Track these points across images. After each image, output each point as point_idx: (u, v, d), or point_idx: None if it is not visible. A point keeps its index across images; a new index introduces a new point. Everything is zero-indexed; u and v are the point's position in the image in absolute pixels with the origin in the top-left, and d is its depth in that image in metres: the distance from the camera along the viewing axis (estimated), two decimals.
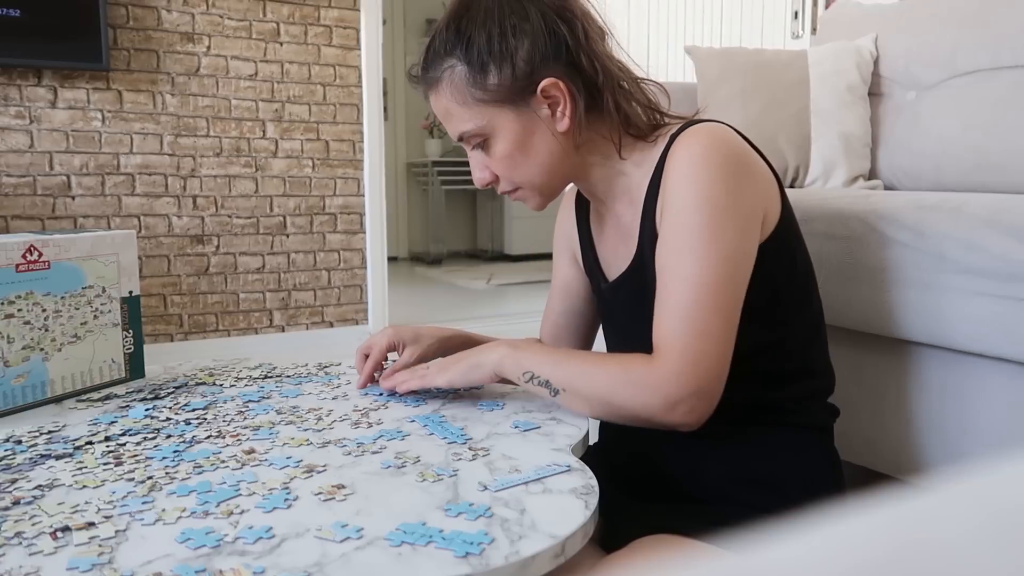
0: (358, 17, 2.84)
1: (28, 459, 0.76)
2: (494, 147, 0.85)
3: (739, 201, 0.77)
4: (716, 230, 0.75)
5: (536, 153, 0.84)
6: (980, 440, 1.06)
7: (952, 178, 1.54)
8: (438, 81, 0.84)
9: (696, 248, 0.75)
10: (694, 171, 0.77)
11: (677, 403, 0.73)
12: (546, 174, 0.86)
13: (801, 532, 0.15)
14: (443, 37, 0.84)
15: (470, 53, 0.82)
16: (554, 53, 0.81)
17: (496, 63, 0.81)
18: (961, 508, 0.16)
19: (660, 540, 0.76)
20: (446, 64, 0.83)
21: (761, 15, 3.41)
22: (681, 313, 0.75)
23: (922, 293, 1.06)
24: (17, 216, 2.40)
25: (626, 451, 0.91)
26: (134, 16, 2.50)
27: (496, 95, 0.82)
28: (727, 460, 0.83)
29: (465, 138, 0.86)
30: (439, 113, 0.87)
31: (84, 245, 0.98)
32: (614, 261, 0.93)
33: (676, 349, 0.74)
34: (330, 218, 2.87)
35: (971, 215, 1.02)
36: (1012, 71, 1.48)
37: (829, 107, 1.71)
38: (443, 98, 0.85)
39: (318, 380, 1.04)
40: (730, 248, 0.75)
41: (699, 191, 0.76)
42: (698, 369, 0.73)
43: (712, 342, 0.74)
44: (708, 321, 0.74)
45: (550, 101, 0.83)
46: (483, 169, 0.88)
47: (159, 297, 2.62)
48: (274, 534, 0.59)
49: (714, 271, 0.74)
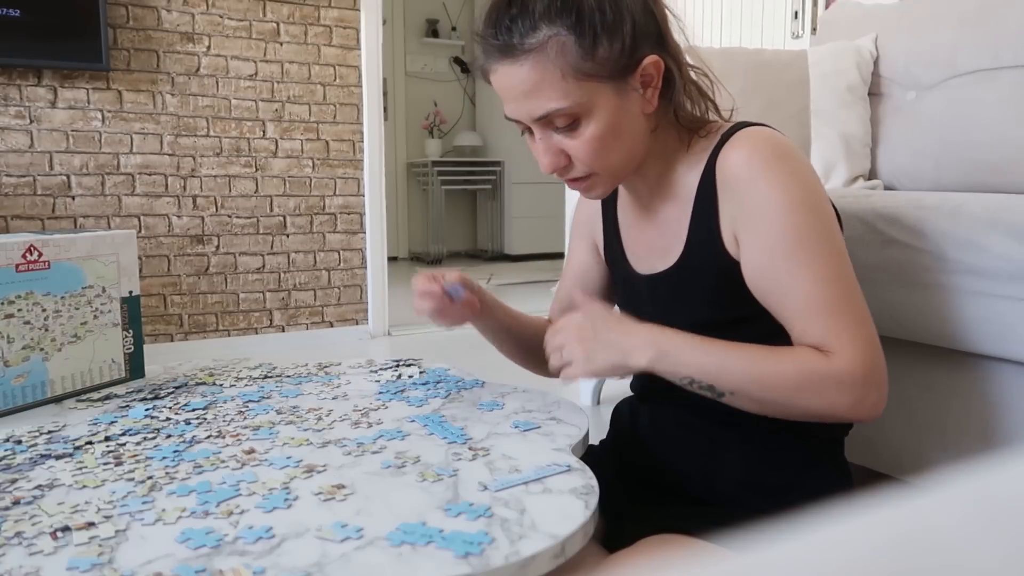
0: (358, 17, 2.84)
1: (28, 459, 0.76)
2: (585, 127, 0.78)
3: (823, 196, 0.77)
4: (821, 228, 0.75)
5: (626, 135, 0.80)
6: (980, 440, 1.06)
7: (952, 178, 1.54)
8: (534, 51, 0.75)
9: (813, 247, 0.74)
10: (775, 175, 0.75)
11: (865, 396, 0.73)
12: (628, 158, 0.82)
13: (802, 532, 0.15)
14: (545, 2, 0.75)
15: (581, 23, 0.74)
16: (650, 30, 0.78)
17: (608, 35, 0.75)
18: (961, 508, 0.16)
19: (666, 540, 0.75)
20: (549, 31, 0.74)
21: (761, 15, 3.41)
22: (831, 310, 0.74)
23: (922, 293, 1.06)
24: (17, 216, 2.40)
25: (635, 451, 0.90)
26: (134, 16, 2.50)
27: (603, 70, 0.76)
28: (738, 466, 0.82)
29: (551, 117, 0.78)
30: (520, 88, 0.77)
31: (84, 245, 0.98)
32: (647, 255, 0.90)
33: (847, 344, 0.73)
34: (330, 218, 2.87)
35: (971, 215, 1.02)
36: (1012, 71, 1.48)
37: (829, 107, 1.71)
38: (535, 70, 0.75)
39: (318, 380, 1.04)
40: (838, 240, 0.77)
41: (788, 193, 0.75)
42: (874, 358, 0.74)
43: (869, 329, 0.75)
44: (858, 312, 0.75)
45: (644, 80, 0.78)
46: (558, 154, 0.80)
47: (159, 297, 2.62)
48: (274, 534, 0.59)
49: (838, 263, 0.75)
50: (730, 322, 0.81)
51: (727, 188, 0.78)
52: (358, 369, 1.10)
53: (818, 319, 0.74)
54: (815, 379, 0.73)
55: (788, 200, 0.75)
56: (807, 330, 0.75)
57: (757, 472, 0.82)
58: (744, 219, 0.77)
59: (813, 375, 0.73)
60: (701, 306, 0.83)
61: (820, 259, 0.74)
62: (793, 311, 0.76)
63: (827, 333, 0.74)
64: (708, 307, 0.82)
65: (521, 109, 0.78)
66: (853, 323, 0.74)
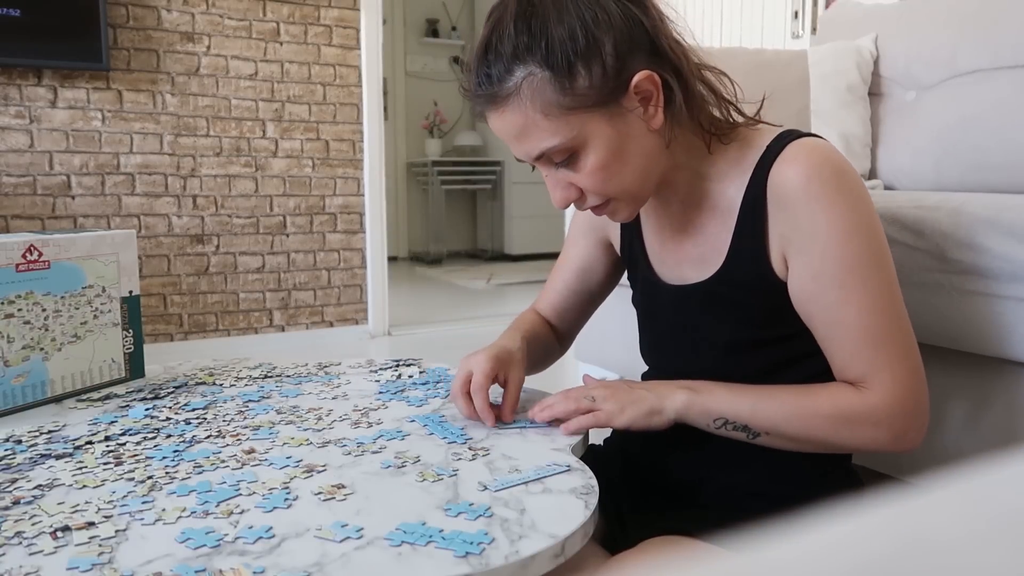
0: (358, 17, 2.84)
1: (28, 459, 0.76)
2: (585, 159, 0.74)
3: (878, 221, 0.75)
4: (875, 256, 0.73)
5: (632, 158, 0.75)
6: (980, 440, 1.06)
7: (952, 178, 1.54)
8: (512, 95, 0.72)
9: (865, 276, 0.73)
10: (834, 198, 0.72)
11: (905, 431, 0.73)
12: (642, 180, 0.77)
13: (803, 533, 0.15)
14: (512, 41, 0.71)
15: (552, 55, 0.70)
16: (638, 42, 0.72)
17: (584, 62, 0.70)
18: (961, 508, 0.16)
19: (668, 541, 0.75)
20: (521, 73, 0.71)
21: (761, 15, 3.41)
22: (875, 341, 0.73)
23: (922, 293, 1.06)
24: (17, 216, 2.40)
25: (639, 453, 0.89)
26: (134, 16, 2.50)
27: (587, 99, 0.71)
28: (742, 470, 0.82)
29: (547, 155, 0.75)
30: (511, 132, 0.75)
31: (84, 245, 0.98)
32: (678, 265, 0.86)
33: (886, 379, 0.72)
34: (330, 218, 2.87)
35: (971, 215, 1.02)
36: (1012, 71, 1.48)
37: (829, 107, 1.71)
38: (519, 114, 0.72)
39: (318, 380, 1.04)
40: (889, 267, 0.75)
41: (846, 219, 0.72)
42: (913, 392, 0.73)
43: (913, 360, 0.74)
44: (902, 343, 0.74)
45: (642, 96, 0.74)
46: (567, 187, 0.77)
47: (159, 297, 2.62)
48: (274, 534, 0.59)
49: (888, 294, 0.74)
50: (767, 341, 0.80)
51: (780, 206, 0.75)
52: (358, 369, 1.10)
53: (861, 352, 0.73)
54: (850, 416, 0.73)
55: (845, 226, 0.72)
56: (849, 363, 0.74)
57: (762, 477, 0.81)
58: (797, 241, 0.74)
59: (848, 412, 0.73)
60: (739, 324, 0.81)
61: (870, 288, 0.73)
62: (837, 342, 0.75)
63: (868, 367, 0.73)
64: (746, 325, 0.80)
65: (519, 151, 0.76)
66: (897, 356, 0.73)
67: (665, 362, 0.92)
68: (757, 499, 0.80)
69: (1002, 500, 0.16)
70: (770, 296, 0.78)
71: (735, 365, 0.81)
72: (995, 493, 0.16)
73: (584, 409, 0.80)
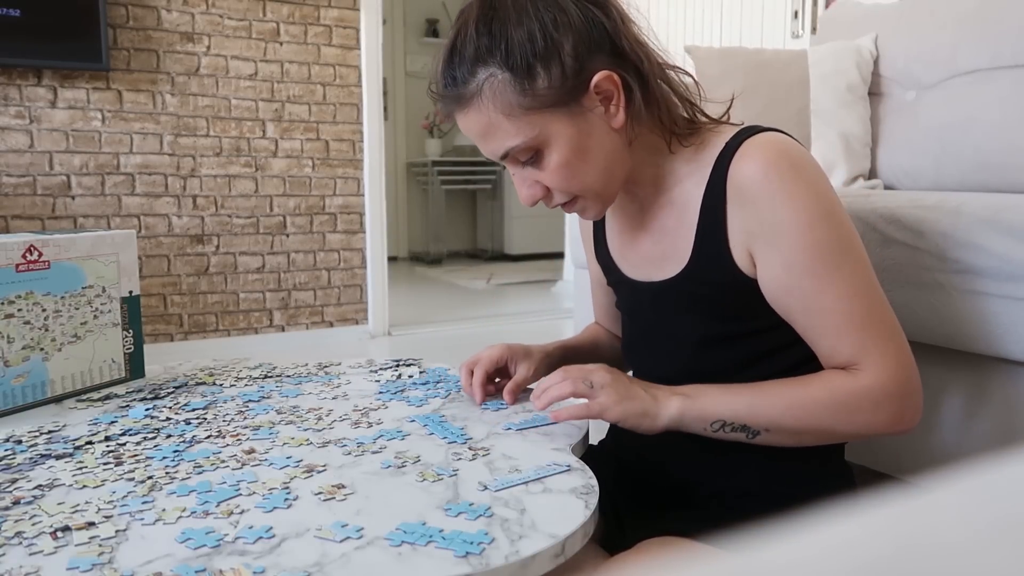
0: (358, 17, 2.84)
1: (28, 459, 0.76)
2: (548, 158, 0.76)
3: (841, 206, 0.75)
4: (843, 242, 0.74)
5: (595, 156, 0.77)
6: (980, 440, 1.06)
7: (952, 178, 1.54)
8: (475, 96, 0.74)
9: (837, 262, 0.73)
10: (793, 189, 0.73)
11: (903, 411, 0.73)
12: (606, 177, 0.79)
13: (801, 533, 0.15)
14: (474, 44, 0.74)
15: (511, 57, 0.72)
16: (598, 42, 0.74)
17: (543, 63, 0.73)
18: (961, 508, 0.16)
19: (666, 542, 0.75)
20: (483, 74, 0.74)
21: (761, 15, 3.41)
22: (859, 324, 0.73)
23: (922, 293, 1.06)
24: (17, 216, 2.40)
25: (636, 454, 0.89)
26: (134, 16, 2.50)
27: (546, 100, 0.73)
28: (738, 469, 0.82)
29: (512, 154, 0.77)
30: (476, 132, 0.77)
31: (84, 245, 0.98)
32: (642, 263, 0.88)
33: (876, 358, 0.72)
34: (330, 218, 2.87)
35: (971, 215, 1.02)
36: (1012, 71, 1.48)
37: (829, 107, 1.71)
38: (482, 114, 0.75)
39: (318, 380, 1.04)
40: (859, 251, 0.75)
41: (808, 208, 0.72)
42: (905, 368, 0.73)
43: (899, 338, 0.74)
44: (886, 323, 0.74)
45: (603, 96, 0.76)
46: (532, 185, 0.80)
47: (159, 297, 2.62)
48: (274, 534, 0.59)
49: (862, 277, 0.74)
50: (738, 335, 0.80)
51: (740, 202, 0.75)
52: (358, 369, 1.10)
53: (846, 336, 0.73)
54: (848, 400, 0.73)
55: (808, 216, 0.72)
56: (836, 348, 0.74)
57: (758, 477, 0.81)
58: (763, 236, 0.74)
59: (845, 396, 0.73)
60: (709, 320, 0.81)
61: (844, 274, 0.73)
62: (820, 329, 0.75)
63: (856, 350, 0.73)
64: (716, 321, 0.81)
65: (485, 150, 0.79)
66: (882, 336, 0.73)
67: (641, 360, 0.93)
68: (754, 499, 0.81)
69: (1002, 500, 0.16)
70: (737, 292, 0.78)
71: (708, 361, 0.82)
72: (996, 495, 0.16)
73: (581, 393, 0.79)
